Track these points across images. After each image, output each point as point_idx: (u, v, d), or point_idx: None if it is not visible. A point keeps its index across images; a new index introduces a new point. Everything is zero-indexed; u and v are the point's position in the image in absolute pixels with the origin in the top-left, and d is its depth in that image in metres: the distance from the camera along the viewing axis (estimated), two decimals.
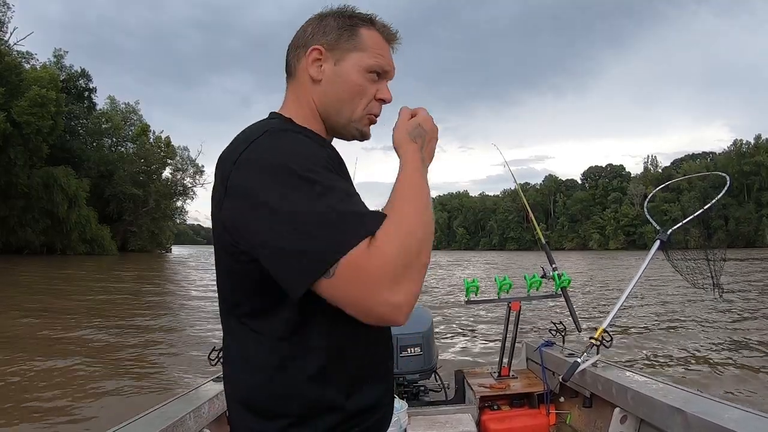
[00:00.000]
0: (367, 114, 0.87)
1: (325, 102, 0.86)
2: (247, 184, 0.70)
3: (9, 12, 37.96)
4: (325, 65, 0.85)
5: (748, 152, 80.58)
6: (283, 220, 0.66)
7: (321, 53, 0.84)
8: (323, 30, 0.85)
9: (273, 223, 0.66)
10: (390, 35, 0.89)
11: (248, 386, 0.78)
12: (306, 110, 0.87)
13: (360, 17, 0.87)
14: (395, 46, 0.91)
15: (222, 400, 2.07)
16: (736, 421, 1.42)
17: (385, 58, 0.87)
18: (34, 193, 35.43)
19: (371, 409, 0.81)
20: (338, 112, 0.86)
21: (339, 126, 0.88)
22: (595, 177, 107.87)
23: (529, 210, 3.22)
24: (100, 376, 5.03)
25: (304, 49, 0.86)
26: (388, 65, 0.88)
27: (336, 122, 0.87)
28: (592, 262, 34.55)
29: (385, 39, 0.89)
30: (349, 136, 0.90)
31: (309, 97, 0.86)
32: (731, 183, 2.47)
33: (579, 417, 2.38)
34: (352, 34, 0.85)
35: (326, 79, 0.85)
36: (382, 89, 0.88)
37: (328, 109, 0.86)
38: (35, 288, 14.07)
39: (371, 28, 0.87)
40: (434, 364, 2.81)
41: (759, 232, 73.56)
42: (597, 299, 11.59)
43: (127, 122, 52.89)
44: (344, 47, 0.84)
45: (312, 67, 0.85)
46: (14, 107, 31.84)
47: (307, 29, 0.87)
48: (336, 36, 0.85)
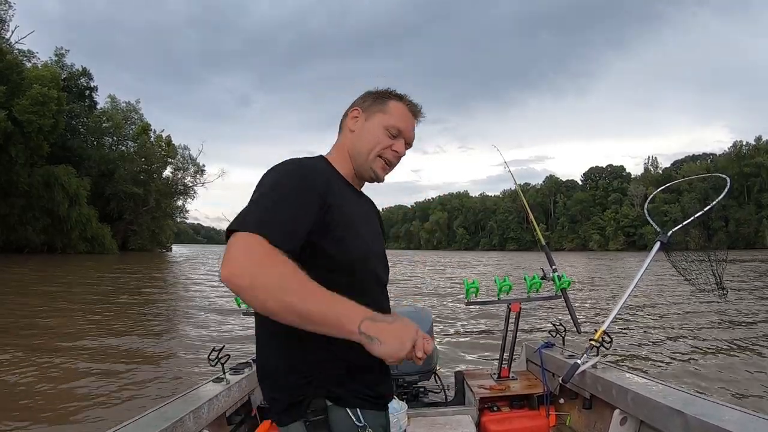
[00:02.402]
0: (379, 157, 1.16)
1: (353, 146, 1.17)
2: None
3: (10, 10, 38.03)
4: (359, 121, 1.18)
5: (748, 154, 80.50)
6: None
7: (358, 113, 1.19)
8: (364, 99, 1.21)
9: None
10: (414, 110, 1.21)
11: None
12: (342, 154, 1.18)
13: (392, 94, 1.20)
14: (419, 119, 1.23)
15: (222, 400, 2.06)
16: (736, 423, 1.41)
17: (404, 123, 1.18)
18: (34, 192, 35.46)
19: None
20: (359, 154, 1.16)
21: (358, 165, 1.17)
22: (596, 178, 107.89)
23: (529, 211, 3.21)
24: (99, 376, 5.03)
25: (349, 109, 1.21)
26: (407, 129, 1.18)
27: (357, 162, 1.17)
28: (592, 263, 34.55)
29: (410, 111, 1.20)
30: (366, 176, 1.18)
31: (345, 143, 1.18)
32: (731, 185, 2.47)
33: (579, 418, 2.37)
34: (382, 103, 1.18)
35: (358, 130, 1.17)
36: (398, 144, 1.17)
37: (353, 152, 1.17)
38: (35, 287, 14.07)
39: (399, 102, 1.19)
40: (434, 365, 2.81)
41: (759, 233, 73.48)
42: (597, 301, 11.58)
43: (128, 121, 52.92)
44: (373, 110, 1.18)
45: (351, 122, 1.19)
46: (15, 106, 31.88)
47: (355, 101, 1.22)
48: (370, 102, 1.19)
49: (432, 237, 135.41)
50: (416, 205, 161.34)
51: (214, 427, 1.96)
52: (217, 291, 13.78)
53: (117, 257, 37.64)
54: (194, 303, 11.36)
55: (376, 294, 1.11)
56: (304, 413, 0.98)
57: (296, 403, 0.99)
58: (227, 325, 8.08)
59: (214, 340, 6.74)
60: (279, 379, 1.02)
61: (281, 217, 0.91)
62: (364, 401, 1.03)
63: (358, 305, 0.82)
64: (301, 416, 0.99)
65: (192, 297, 12.76)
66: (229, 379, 2.24)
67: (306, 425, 0.98)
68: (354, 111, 1.19)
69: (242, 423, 2.26)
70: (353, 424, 1.00)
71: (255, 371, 2.48)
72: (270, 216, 0.90)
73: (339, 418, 0.99)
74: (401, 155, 1.18)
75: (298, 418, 0.99)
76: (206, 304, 11.02)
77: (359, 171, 1.17)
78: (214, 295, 12.76)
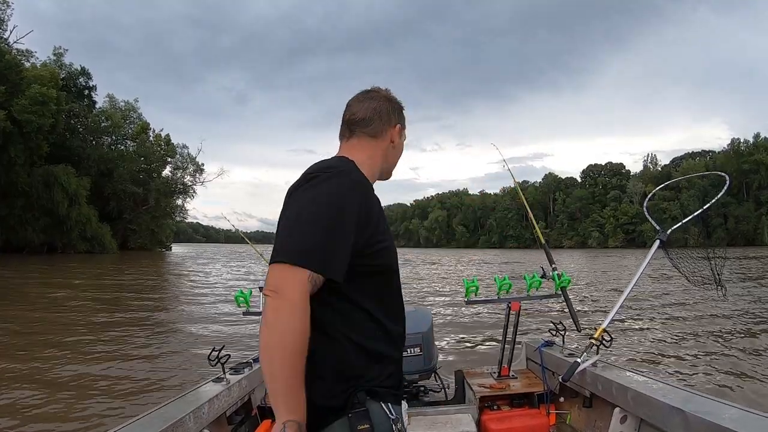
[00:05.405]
0: None
1: (392, 157, 1.31)
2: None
3: (8, 10, 37.90)
4: (400, 137, 1.31)
5: (746, 151, 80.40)
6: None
7: (401, 130, 1.30)
8: (397, 112, 1.30)
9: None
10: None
11: None
12: (374, 161, 1.25)
13: (402, 106, 1.33)
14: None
15: (222, 400, 2.06)
16: (735, 421, 1.42)
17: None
18: (34, 192, 35.40)
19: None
20: (392, 165, 1.32)
21: (385, 172, 1.30)
22: (594, 175, 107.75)
23: (528, 210, 3.22)
24: (99, 376, 5.03)
25: (389, 123, 1.27)
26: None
27: (386, 170, 1.30)
28: (591, 260, 34.56)
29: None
30: (384, 178, 1.32)
31: (382, 153, 1.27)
32: (731, 182, 2.47)
33: (579, 417, 2.38)
34: (404, 118, 1.33)
35: (397, 146, 1.31)
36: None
37: (388, 163, 1.30)
38: (35, 287, 14.06)
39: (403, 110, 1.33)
40: (434, 364, 2.81)
41: (758, 230, 73.47)
42: (597, 299, 11.60)
43: (127, 120, 52.76)
44: (404, 127, 1.33)
45: (396, 136, 1.29)
46: (15, 105, 31.77)
47: (385, 106, 1.27)
48: (402, 119, 1.32)
49: (431, 235, 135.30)
50: (415, 203, 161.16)
51: (214, 427, 1.96)
52: (217, 291, 13.79)
53: (117, 256, 37.62)
54: (194, 303, 11.36)
55: (397, 282, 1.23)
56: (346, 410, 1.04)
57: (341, 405, 1.05)
58: (227, 325, 8.08)
59: (214, 341, 6.74)
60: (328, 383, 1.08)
61: (328, 246, 0.99)
62: (394, 396, 1.12)
63: (302, 407, 0.96)
64: (343, 413, 1.04)
65: (192, 297, 12.76)
66: (230, 379, 2.25)
67: (349, 418, 1.03)
68: (398, 127, 1.29)
69: (242, 423, 2.27)
70: (387, 417, 1.06)
71: (255, 371, 2.49)
72: (317, 246, 0.98)
73: (376, 410, 1.06)
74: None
75: (343, 415, 1.04)
76: (206, 303, 11.02)
77: (383, 176, 1.31)
78: (214, 294, 12.76)
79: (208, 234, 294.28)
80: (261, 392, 2.48)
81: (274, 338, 0.93)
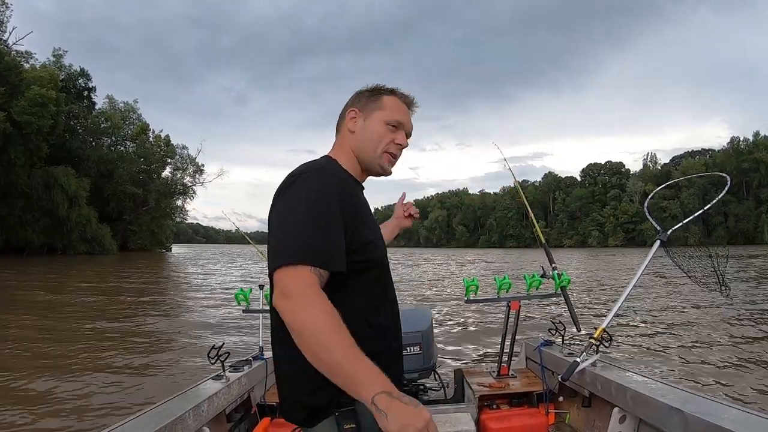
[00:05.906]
0: (384, 152, 1.21)
1: (357, 146, 1.22)
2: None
3: (7, 11, 37.90)
4: (358, 121, 1.22)
5: (746, 149, 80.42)
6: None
7: (356, 113, 1.23)
8: (358, 99, 1.24)
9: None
10: (408, 101, 1.26)
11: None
12: (346, 154, 1.22)
13: (383, 89, 1.25)
14: (414, 109, 1.28)
15: (221, 397, 2.06)
16: (735, 422, 1.41)
17: (402, 115, 1.23)
18: (34, 193, 35.44)
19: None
20: (365, 152, 1.21)
21: (366, 163, 1.22)
22: (594, 174, 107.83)
23: (529, 209, 3.21)
24: (99, 374, 5.03)
25: (346, 115, 1.24)
26: (404, 120, 1.24)
27: (363, 160, 1.22)
28: (591, 260, 34.55)
29: (404, 103, 1.25)
30: (374, 171, 1.24)
31: (348, 144, 1.23)
32: (731, 182, 2.46)
33: (578, 416, 2.38)
34: (376, 99, 1.23)
35: (359, 131, 1.22)
36: (399, 137, 1.23)
37: (359, 151, 1.22)
38: (35, 288, 14.06)
39: (392, 95, 1.24)
40: (433, 363, 2.81)
41: (758, 229, 73.47)
42: (597, 298, 11.59)
43: (126, 121, 52.79)
44: (370, 108, 1.22)
45: (350, 123, 1.23)
46: (14, 107, 31.81)
47: (348, 101, 1.26)
48: (365, 101, 1.23)
49: (431, 235, 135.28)
50: (415, 202, 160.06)
51: (213, 425, 1.96)
52: (217, 289, 13.80)
53: (117, 257, 37.65)
54: (194, 301, 11.37)
55: (388, 278, 1.22)
56: (332, 408, 1.02)
57: (327, 402, 1.03)
58: (227, 323, 8.09)
59: (214, 338, 6.74)
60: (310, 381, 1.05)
61: (325, 240, 0.98)
62: None
63: (381, 375, 0.88)
64: (330, 412, 1.02)
65: (191, 295, 12.77)
66: (229, 376, 2.25)
67: (336, 417, 1.01)
68: (351, 112, 1.23)
69: (242, 420, 2.27)
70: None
71: (254, 369, 2.49)
72: (314, 242, 0.97)
73: (363, 409, 1.01)
74: (404, 146, 1.25)
75: (329, 414, 1.02)
76: (206, 302, 11.03)
77: (368, 168, 1.23)
78: (214, 293, 12.77)
79: (209, 234, 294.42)
80: (260, 390, 2.48)
81: (307, 339, 0.89)
